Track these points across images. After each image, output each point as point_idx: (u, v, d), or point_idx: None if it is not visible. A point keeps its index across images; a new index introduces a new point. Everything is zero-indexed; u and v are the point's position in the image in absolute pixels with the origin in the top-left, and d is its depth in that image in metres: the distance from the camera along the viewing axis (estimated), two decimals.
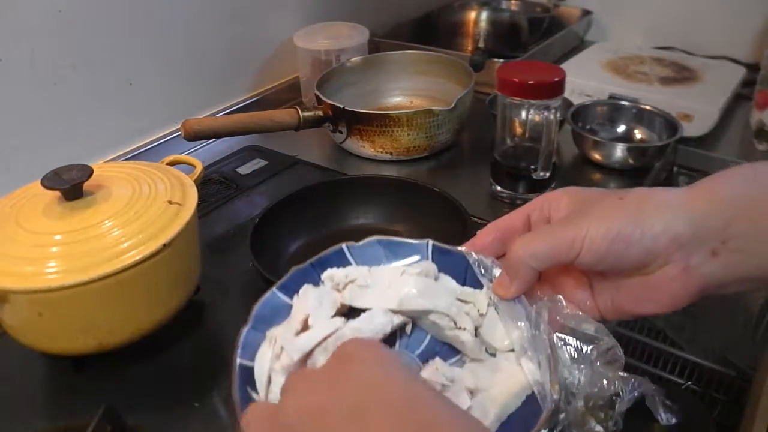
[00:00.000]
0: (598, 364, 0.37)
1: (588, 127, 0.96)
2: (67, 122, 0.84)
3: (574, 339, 0.38)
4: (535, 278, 0.39)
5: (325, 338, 0.37)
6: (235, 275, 0.70)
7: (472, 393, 0.36)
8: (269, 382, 0.36)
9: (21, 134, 0.80)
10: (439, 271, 0.43)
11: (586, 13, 1.39)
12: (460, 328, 0.39)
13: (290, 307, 0.40)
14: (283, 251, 0.71)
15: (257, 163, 0.94)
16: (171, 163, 0.69)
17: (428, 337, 0.41)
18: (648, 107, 0.95)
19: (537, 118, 0.77)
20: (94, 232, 0.54)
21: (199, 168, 0.69)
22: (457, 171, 0.93)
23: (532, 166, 0.79)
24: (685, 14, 1.28)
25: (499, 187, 0.83)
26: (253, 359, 0.37)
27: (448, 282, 0.42)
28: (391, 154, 0.92)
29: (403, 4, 1.37)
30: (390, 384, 0.30)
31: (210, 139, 0.96)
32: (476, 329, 0.40)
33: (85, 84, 0.85)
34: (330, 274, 0.41)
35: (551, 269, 0.40)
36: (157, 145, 0.95)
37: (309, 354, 0.36)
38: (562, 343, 0.38)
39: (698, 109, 1.00)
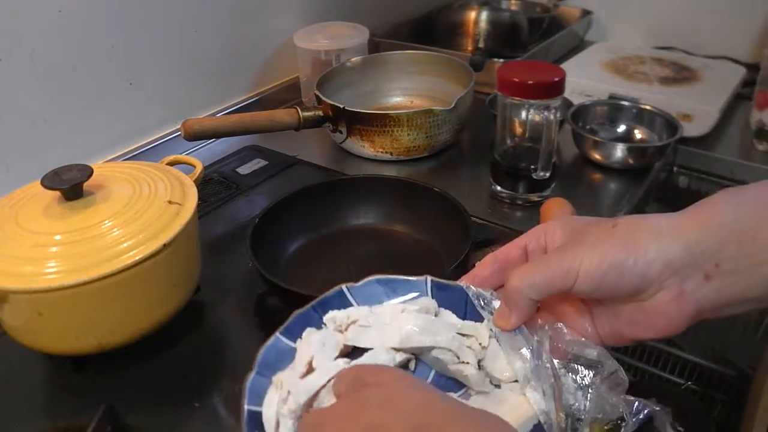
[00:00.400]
0: (603, 388, 0.37)
1: (588, 127, 0.96)
2: (67, 122, 0.84)
3: (577, 365, 0.38)
4: (534, 308, 0.40)
5: (330, 380, 0.37)
6: (235, 275, 0.70)
7: None
8: (278, 426, 0.37)
9: (21, 134, 0.80)
10: (439, 306, 0.43)
11: (586, 13, 1.39)
12: (463, 362, 0.40)
13: (294, 350, 0.41)
14: (283, 251, 0.71)
15: (257, 163, 0.94)
16: (171, 163, 0.69)
17: (433, 372, 0.41)
18: (648, 107, 0.95)
19: (537, 118, 0.77)
20: (94, 232, 0.54)
21: (199, 168, 0.69)
22: (457, 171, 0.93)
23: (532, 166, 0.79)
24: (685, 14, 1.28)
25: (499, 187, 0.83)
26: (260, 404, 0.38)
27: (449, 317, 0.43)
28: (391, 154, 0.92)
29: (403, 4, 1.37)
30: (428, 399, 0.31)
31: (210, 139, 0.96)
32: (479, 362, 0.41)
33: (85, 84, 0.85)
34: (332, 316, 0.42)
35: (551, 298, 0.41)
36: (157, 145, 0.95)
37: (315, 396, 0.37)
38: (565, 370, 0.38)
39: (698, 109, 1.00)
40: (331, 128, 0.94)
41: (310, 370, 0.38)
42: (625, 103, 0.98)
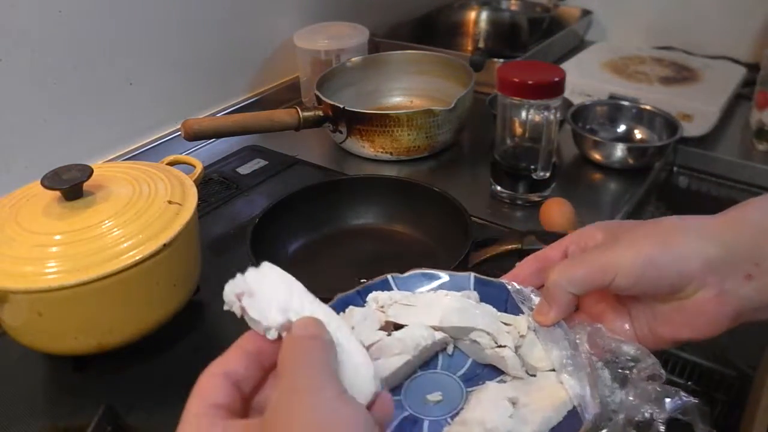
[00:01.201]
0: (639, 381, 0.38)
1: (588, 127, 0.96)
2: (67, 122, 0.84)
3: (615, 361, 0.39)
4: (573, 304, 0.40)
5: (369, 347, 0.38)
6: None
7: (514, 404, 0.37)
8: None
9: (21, 134, 0.80)
10: (481, 300, 0.44)
11: (586, 13, 1.39)
12: (500, 345, 0.40)
13: None
14: (283, 251, 0.71)
15: (257, 163, 0.94)
16: (171, 163, 0.69)
17: (470, 361, 0.42)
18: (648, 107, 0.95)
19: (537, 118, 0.77)
20: (94, 232, 0.54)
21: (199, 168, 0.69)
22: (457, 171, 0.93)
23: (532, 166, 0.79)
24: (685, 14, 1.28)
25: (499, 187, 0.83)
26: None
27: (489, 308, 0.43)
28: (391, 154, 0.92)
29: (403, 4, 1.37)
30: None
31: (210, 139, 0.96)
32: (516, 348, 0.41)
33: (85, 84, 0.85)
34: (374, 296, 0.43)
35: (589, 298, 0.42)
36: (157, 145, 0.95)
37: None
38: (602, 363, 0.39)
39: (698, 109, 1.00)
40: (331, 128, 0.94)
41: None
42: (625, 103, 0.98)
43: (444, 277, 0.46)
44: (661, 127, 0.93)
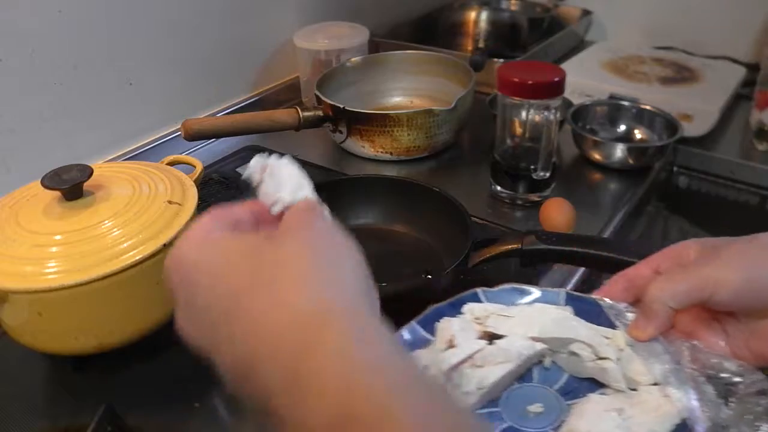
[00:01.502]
0: (748, 397, 0.38)
1: (588, 127, 0.96)
2: (67, 122, 0.84)
3: (717, 376, 0.39)
4: (671, 319, 0.40)
5: (471, 356, 0.40)
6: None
7: (618, 414, 0.38)
8: None
9: (21, 134, 0.80)
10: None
11: (586, 13, 1.39)
12: (601, 358, 0.41)
13: (427, 339, 0.43)
14: None
15: None
16: (171, 163, 0.69)
17: (566, 375, 0.43)
18: (648, 107, 0.95)
19: (537, 118, 0.77)
20: (94, 232, 0.54)
21: (199, 168, 0.69)
22: (457, 171, 0.93)
23: (532, 166, 0.79)
24: (685, 14, 1.28)
25: (499, 187, 0.83)
26: None
27: (585, 322, 0.44)
28: (391, 154, 0.92)
29: (403, 4, 1.37)
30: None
31: (210, 139, 0.96)
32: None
33: (85, 84, 0.85)
34: (470, 307, 0.44)
35: (684, 315, 0.42)
36: (157, 145, 0.95)
37: (455, 368, 0.40)
38: (704, 379, 0.39)
39: (698, 109, 1.00)
40: (331, 128, 0.94)
41: (450, 346, 0.41)
42: (625, 103, 0.98)
43: (535, 292, 0.46)
44: (661, 127, 0.93)
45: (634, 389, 0.40)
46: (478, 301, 0.45)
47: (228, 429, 0.54)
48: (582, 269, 0.69)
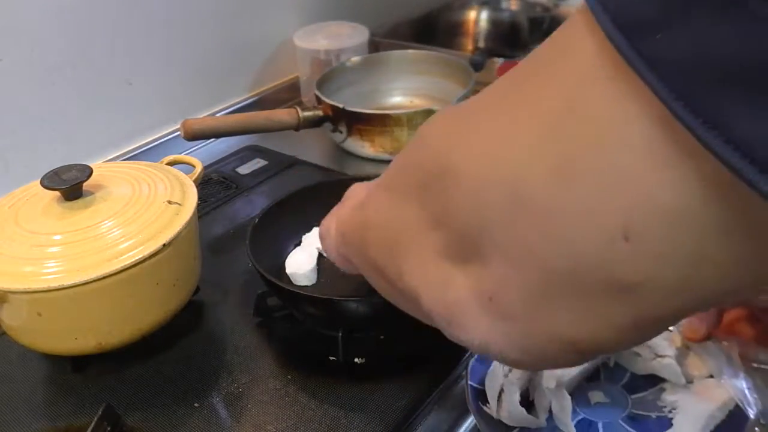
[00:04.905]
0: None
1: None
2: (67, 122, 0.84)
3: (765, 369, 0.43)
4: (720, 318, 0.44)
5: None
6: (235, 275, 0.70)
7: (674, 409, 0.44)
8: (500, 394, 0.45)
9: (21, 134, 0.80)
10: None
11: None
12: (660, 355, 0.45)
13: None
14: (283, 251, 0.71)
15: (257, 163, 0.94)
16: (171, 163, 0.69)
17: (628, 373, 0.48)
18: None
19: None
20: (94, 232, 0.54)
21: (199, 168, 0.69)
22: None
23: None
24: None
25: None
26: (478, 382, 0.47)
27: None
28: (391, 154, 0.92)
29: (403, 4, 1.37)
30: None
31: (210, 139, 0.96)
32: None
33: (85, 84, 0.85)
34: None
35: (729, 316, 0.45)
36: (157, 145, 0.95)
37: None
38: (753, 370, 0.43)
39: None
40: (331, 128, 0.94)
41: None
42: None
43: None
44: None
45: (690, 382, 0.45)
46: None
47: (228, 429, 0.54)
48: None
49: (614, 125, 0.17)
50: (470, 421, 0.51)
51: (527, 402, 0.45)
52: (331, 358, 0.58)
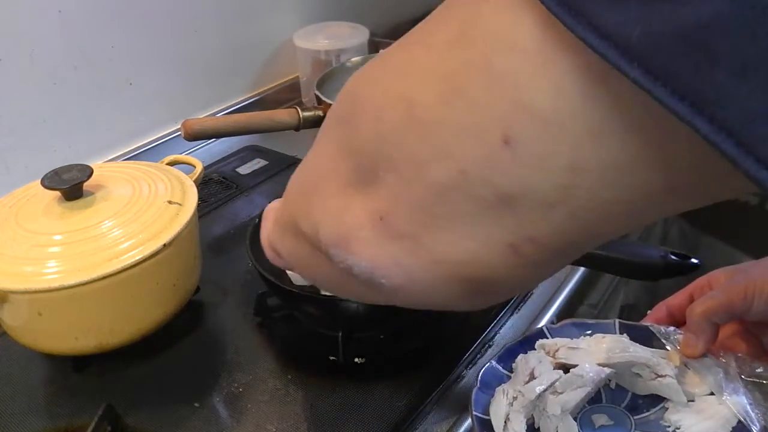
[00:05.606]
0: None
1: None
2: (67, 122, 0.84)
3: (763, 383, 0.44)
4: (716, 334, 0.45)
5: (552, 384, 0.45)
6: (235, 275, 0.70)
7: (678, 429, 0.44)
8: (506, 423, 0.45)
9: (21, 134, 0.80)
10: None
11: None
12: (661, 375, 0.46)
13: (505, 375, 0.50)
14: None
15: (257, 163, 0.94)
16: (171, 163, 0.69)
17: (629, 394, 0.49)
18: None
19: None
20: (94, 232, 0.54)
21: (199, 168, 0.69)
22: None
23: None
24: None
25: None
26: (484, 412, 0.47)
27: (641, 347, 0.49)
28: None
29: (403, 4, 1.37)
30: None
31: (210, 139, 0.96)
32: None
33: (85, 84, 0.85)
34: (541, 343, 0.50)
35: (723, 331, 0.46)
36: (157, 145, 0.95)
37: (539, 397, 0.45)
38: (753, 386, 0.44)
39: None
40: None
41: (531, 378, 0.46)
42: None
43: (591, 323, 0.53)
44: None
45: (692, 400, 0.45)
46: (544, 336, 0.52)
47: (227, 429, 0.54)
48: (582, 269, 0.69)
49: (501, 32, 0.17)
50: (470, 421, 0.51)
51: (533, 430, 0.46)
52: (331, 358, 0.58)
